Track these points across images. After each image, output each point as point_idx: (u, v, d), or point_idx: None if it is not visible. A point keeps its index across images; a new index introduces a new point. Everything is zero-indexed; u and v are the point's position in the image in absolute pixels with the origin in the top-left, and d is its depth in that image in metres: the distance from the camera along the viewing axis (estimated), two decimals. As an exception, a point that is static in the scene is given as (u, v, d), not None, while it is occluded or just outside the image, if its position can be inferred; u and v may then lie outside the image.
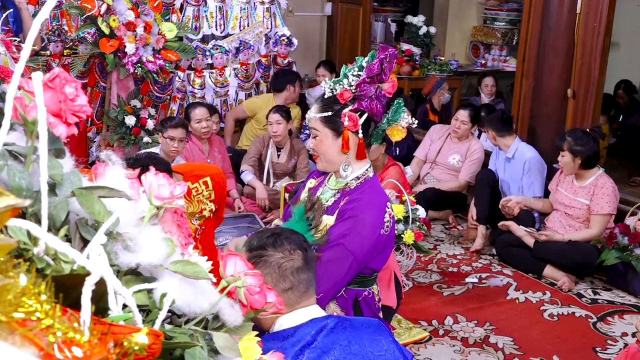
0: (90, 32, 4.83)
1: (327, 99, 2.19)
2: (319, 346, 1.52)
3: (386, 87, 2.13)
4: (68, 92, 0.69)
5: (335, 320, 1.59)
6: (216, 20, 5.64)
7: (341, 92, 2.12)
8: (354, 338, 1.56)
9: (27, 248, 0.62)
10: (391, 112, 2.20)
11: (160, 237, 0.74)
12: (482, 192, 4.73)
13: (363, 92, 2.10)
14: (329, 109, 2.17)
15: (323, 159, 2.25)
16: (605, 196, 4.06)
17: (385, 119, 2.19)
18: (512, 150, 4.72)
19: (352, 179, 2.24)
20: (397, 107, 2.20)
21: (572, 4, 4.61)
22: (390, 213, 2.21)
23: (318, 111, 2.20)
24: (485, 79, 6.66)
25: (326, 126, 2.18)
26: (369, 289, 2.35)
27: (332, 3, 7.18)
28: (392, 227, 2.22)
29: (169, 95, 5.49)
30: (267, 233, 1.70)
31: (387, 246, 2.27)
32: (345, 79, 2.12)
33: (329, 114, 2.17)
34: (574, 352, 3.33)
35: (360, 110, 2.13)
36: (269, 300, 0.85)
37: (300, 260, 1.64)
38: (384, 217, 2.17)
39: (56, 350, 0.52)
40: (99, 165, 0.79)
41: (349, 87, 2.11)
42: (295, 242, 1.67)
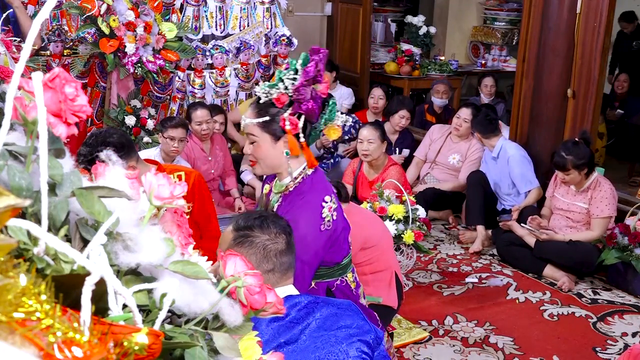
0: (90, 32, 4.83)
1: (263, 104, 2.16)
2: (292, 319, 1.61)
3: (321, 88, 2.13)
4: (68, 92, 0.69)
5: (309, 297, 1.68)
6: (216, 20, 5.64)
7: (278, 96, 2.10)
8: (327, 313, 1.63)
9: (27, 248, 0.62)
10: (327, 112, 2.19)
11: (160, 237, 0.74)
12: (474, 195, 4.75)
13: (301, 96, 2.09)
14: (265, 114, 2.15)
15: (262, 164, 2.24)
16: (604, 199, 4.06)
17: (322, 119, 2.19)
18: (497, 150, 4.75)
19: (289, 181, 2.24)
20: (332, 107, 2.20)
21: (572, 4, 4.61)
22: (331, 207, 2.19)
23: (254, 116, 2.18)
24: (485, 79, 6.65)
25: (264, 131, 2.17)
26: (340, 278, 2.36)
27: (332, 3, 7.17)
28: (335, 220, 2.20)
29: (169, 95, 5.48)
30: (255, 215, 1.78)
31: (338, 239, 2.26)
32: (280, 83, 2.10)
33: (266, 119, 2.15)
34: (574, 352, 3.33)
35: (298, 113, 2.13)
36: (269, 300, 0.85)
37: (284, 244, 1.73)
38: (321, 214, 2.16)
39: (56, 350, 0.52)
40: (99, 165, 0.79)
41: (285, 91, 2.10)
42: (280, 226, 1.76)
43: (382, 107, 6.08)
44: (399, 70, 7.12)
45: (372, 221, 3.23)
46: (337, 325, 1.61)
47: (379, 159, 4.57)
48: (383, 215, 3.83)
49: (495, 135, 4.79)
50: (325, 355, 1.55)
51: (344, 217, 2.31)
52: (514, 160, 4.67)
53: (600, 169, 4.59)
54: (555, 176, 4.30)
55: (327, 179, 2.39)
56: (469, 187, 4.82)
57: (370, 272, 3.07)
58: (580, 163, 4.00)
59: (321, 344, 1.57)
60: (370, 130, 4.51)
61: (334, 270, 2.33)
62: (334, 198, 2.24)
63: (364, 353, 1.58)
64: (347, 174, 4.83)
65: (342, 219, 2.26)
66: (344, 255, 2.33)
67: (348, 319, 1.63)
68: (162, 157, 4.27)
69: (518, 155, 4.69)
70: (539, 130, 4.99)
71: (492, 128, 4.78)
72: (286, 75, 2.11)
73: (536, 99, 4.98)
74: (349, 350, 1.56)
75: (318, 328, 1.60)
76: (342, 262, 2.33)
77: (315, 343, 1.57)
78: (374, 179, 4.61)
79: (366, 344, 1.60)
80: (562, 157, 4.03)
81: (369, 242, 3.05)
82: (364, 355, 1.57)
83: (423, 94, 7.76)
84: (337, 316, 1.63)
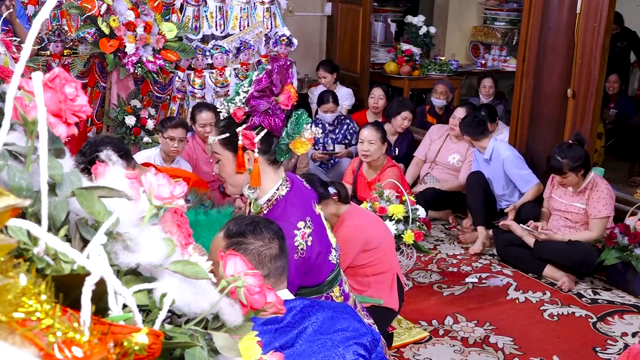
0: (90, 32, 4.83)
1: (224, 120, 2.07)
2: (287, 323, 1.60)
3: (281, 99, 2.01)
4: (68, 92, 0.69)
5: (303, 302, 1.67)
6: (216, 20, 5.64)
7: (235, 111, 2.02)
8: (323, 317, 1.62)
9: (27, 248, 0.62)
10: (290, 124, 2.05)
11: (160, 237, 0.74)
12: (474, 195, 4.75)
13: (254, 108, 1.99)
14: (227, 131, 2.07)
15: (228, 183, 2.15)
16: (601, 199, 4.06)
17: (284, 132, 2.06)
18: (488, 152, 4.74)
19: (264, 202, 2.13)
20: (296, 120, 2.06)
21: (572, 4, 4.61)
22: (304, 233, 2.07)
23: (216, 134, 2.10)
24: (484, 79, 6.65)
25: (226, 148, 2.08)
26: (326, 294, 2.28)
27: (332, 3, 7.17)
28: (310, 246, 2.08)
29: (169, 95, 5.48)
30: (246, 220, 1.74)
31: (313, 266, 2.14)
32: (237, 97, 2.02)
33: (227, 136, 2.07)
34: (574, 352, 3.33)
35: (258, 127, 2.02)
36: (269, 300, 0.85)
37: (277, 249, 1.71)
38: (294, 242, 2.04)
39: (56, 350, 0.52)
40: (99, 165, 0.79)
41: (241, 105, 2.01)
42: (272, 230, 1.73)
43: (382, 107, 6.08)
44: (399, 70, 7.11)
45: (374, 223, 3.21)
46: (334, 328, 1.60)
47: (378, 160, 4.57)
48: (383, 215, 3.83)
49: (485, 136, 4.77)
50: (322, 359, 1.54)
51: (322, 238, 2.19)
52: (509, 161, 4.65)
53: (600, 169, 4.59)
54: (553, 177, 4.30)
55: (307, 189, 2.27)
56: (468, 189, 4.82)
57: (372, 274, 3.07)
58: (577, 165, 4.00)
59: (318, 348, 1.56)
60: (371, 130, 4.50)
61: (320, 287, 2.26)
62: (309, 221, 2.12)
63: (361, 356, 1.57)
64: (347, 174, 4.84)
65: (318, 243, 2.14)
66: (325, 276, 2.24)
67: (344, 322, 1.63)
68: (162, 157, 4.27)
69: (512, 156, 4.67)
70: (539, 130, 4.99)
71: (481, 130, 4.76)
72: (242, 87, 2.02)
73: (536, 99, 4.98)
74: (345, 354, 1.55)
75: (314, 332, 1.59)
76: (327, 279, 2.26)
77: (312, 347, 1.56)
78: (373, 179, 4.61)
79: (363, 347, 1.59)
80: (557, 160, 4.03)
81: (371, 244, 3.04)
82: (361, 358, 1.57)
83: (423, 94, 7.76)
84: (333, 319, 1.62)
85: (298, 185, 2.21)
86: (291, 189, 2.15)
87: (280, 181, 2.14)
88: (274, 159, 2.11)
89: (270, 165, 2.11)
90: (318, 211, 2.25)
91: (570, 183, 4.10)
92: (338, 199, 3.08)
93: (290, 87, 2.04)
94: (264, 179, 2.10)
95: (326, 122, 5.74)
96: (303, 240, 2.07)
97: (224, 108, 2.06)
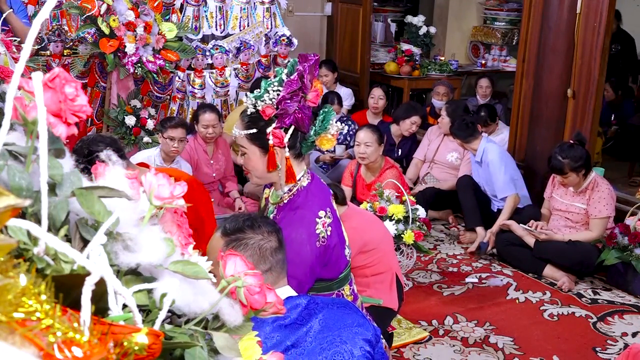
0: (90, 32, 4.83)
1: (251, 115, 2.10)
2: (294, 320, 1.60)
3: (310, 97, 2.05)
4: (68, 92, 0.69)
5: (307, 298, 1.68)
6: (216, 20, 5.64)
7: (263, 109, 2.05)
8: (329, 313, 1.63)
9: (27, 248, 0.62)
10: (318, 122, 2.10)
11: (160, 237, 0.74)
12: (465, 198, 4.75)
13: (284, 110, 2.03)
14: (253, 126, 2.10)
15: (254, 174, 2.20)
16: (602, 199, 4.06)
17: (312, 130, 2.11)
18: (479, 153, 4.73)
19: (285, 192, 2.19)
20: (324, 117, 2.11)
21: (572, 4, 4.61)
22: (325, 222, 2.12)
23: (243, 128, 2.13)
24: (480, 80, 6.65)
25: (253, 143, 2.12)
26: (337, 291, 2.31)
27: (332, 3, 7.18)
28: (330, 235, 2.14)
29: (169, 95, 5.48)
30: (242, 217, 1.76)
31: (332, 256, 2.19)
32: (266, 94, 2.05)
33: (254, 131, 2.10)
34: (574, 352, 3.33)
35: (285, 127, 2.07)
36: (269, 300, 0.85)
37: (276, 241, 1.72)
38: (315, 230, 2.10)
39: (56, 350, 0.52)
40: (99, 165, 0.79)
41: (270, 104, 2.04)
42: (269, 224, 1.74)
43: (383, 107, 6.08)
44: (399, 70, 7.11)
45: (372, 224, 3.20)
46: (340, 324, 1.61)
47: (376, 161, 4.55)
48: (383, 215, 3.83)
49: (475, 138, 4.74)
50: (332, 356, 1.55)
51: (338, 232, 2.24)
52: (492, 165, 4.63)
53: (600, 169, 4.59)
54: (554, 177, 4.30)
55: (324, 184, 2.33)
56: (459, 192, 4.82)
57: (371, 275, 3.07)
58: (577, 165, 4.00)
59: (327, 344, 1.57)
60: (367, 133, 4.48)
61: (332, 284, 2.29)
62: (329, 212, 2.17)
63: (367, 352, 1.58)
64: (346, 176, 4.82)
65: (336, 234, 2.19)
66: (340, 270, 2.28)
67: (349, 318, 1.64)
68: (162, 157, 4.27)
69: (496, 160, 4.62)
70: (539, 130, 4.99)
71: (470, 132, 4.73)
72: (271, 86, 2.05)
73: (536, 99, 4.98)
74: (353, 350, 1.56)
75: (322, 329, 1.60)
76: (340, 276, 2.29)
77: (321, 344, 1.57)
78: (371, 181, 4.60)
79: (368, 342, 1.60)
80: (558, 160, 4.03)
81: (369, 245, 3.04)
82: (367, 354, 1.58)
83: (423, 94, 7.76)
84: (338, 316, 1.63)
85: (317, 179, 2.28)
86: (312, 181, 2.22)
87: (303, 172, 2.21)
88: (298, 153, 2.17)
89: (295, 158, 2.17)
90: (335, 206, 2.30)
91: (571, 183, 4.10)
92: (335, 200, 3.08)
93: (318, 83, 2.08)
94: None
95: None
96: (324, 229, 2.13)
97: (251, 102, 2.09)
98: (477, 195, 4.77)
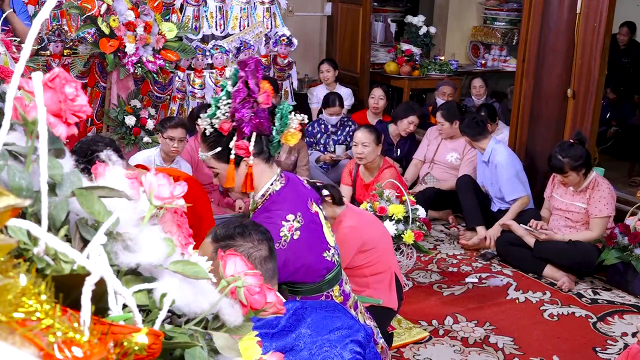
0: (90, 32, 4.83)
1: (211, 135, 2.11)
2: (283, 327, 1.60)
3: (261, 99, 2.03)
4: (68, 92, 0.69)
5: (295, 303, 1.68)
6: (216, 20, 5.64)
7: (220, 125, 2.05)
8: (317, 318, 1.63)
9: (27, 248, 0.62)
10: (277, 121, 2.09)
11: (160, 237, 0.74)
12: (465, 198, 4.75)
13: (239, 120, 2.02)
14: (217, 145, 2.11)
15: (234, 191, 2.21)
16: (602, 199, 4.06)
17: (274, 130, 2.10)
18: (487, 154, 4.73)
19: (259, 197, 2.20)
20: (281, 114, 2.10)
21: (572, 4, 4.61)
22: (292, 226, 2.11)
23: (207, 150, 2.14)
24: (474, 80, 6.66)
25: (222, 162, 2.13)
26: (326, 293, 2.30)
27: (332, 3, 7.18)
28: (296, 240, 2.12)
29: (169, 95, 5.48)
30: (234, 224, 1.75)
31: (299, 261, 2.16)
32: (218, 111, 2.05)
33: (219, 150, 2.11)
34: (574, 352, 3.33)
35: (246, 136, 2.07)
36: (269, 300, 0.85)
37: (267, 250, 1.71)
38: (279, 232, 2.08)
39: (56, 350, 0.52)
40: (99, 165, 0.79)
41: (225, 118, 2.04)
42: (261, 232, 1.73)
43: (383, 107, 6.08)
44: (399, 70, 7.11)
45: (370, 223, 3.19)
46: (329, 328, 1.61)
47: (374, 162, 4.55)
48: (383, 215, 3.82)
49: (485, 137, 4.74)
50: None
51: (316, 236, 2.22)
52: (501, 167, 4.62)
53: (600, 169, 4.58)
54: (554, 177, 4.30)
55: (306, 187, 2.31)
56: (459, 192, 4.82)
57: (370, 274, 3.07)
58: (578, 164, 4.00)
59: (316, 349, 1.57)
60: (364, 133, 4.47)
61: (320, 285, 2.28)
62: (301, 216, 2.16)
63: (358, 353, 1.58)
64: (345, 176, 4.82)
65: (307, 239, 2.16)
66: (323, 274, 2.26)
67: (338, 321, 1.63)
68: (162, 157, 4.27)
69: (506, 162, 4.62)
70: (539, 130, 4.99)
71: (480, 130, 4.73)
72: (220, 101, 2.05)
73: (536, 99, 4.98)
74: (343, 353, 1.56)
75: (311, 334, 1.59)
76: (328, 277, 2.28)
77: (311, 349, 1.57)
78: (370, 182, 4.60)
79: (358, 344, 1.60)
80: (558, 160, 4.03)
81: (367, 245, 3.04)
82: (357, 355, 1.57)
83: (423, 94, 7.76)
84: (326, 319, 1.63)
85: (294, 183, 2.26)
86: (285, 185, 2.21)
87: (275, 177, 2.20)
88: (268, 156, 2.17)
89: (266, 162, 2.18)
90: (314, 209, 2.27)
91: (572, 182, 4.10)
92: (332, 201, 3.08)
93: (265, 84, 2.06)
94: (261, 177, 2.17)
95: (329, 124, 5.74)
96: (289, 233, 2.12)
97: (207, 123, 2.09)
98: (477, 195, 4.77)
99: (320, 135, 5.77)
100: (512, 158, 4.69)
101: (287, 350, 1.58)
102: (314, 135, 5.77)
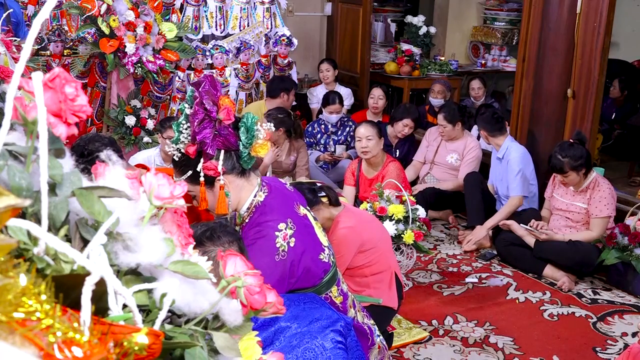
0: (90, 32, 4.84)
1: (180, 160, 2.11)
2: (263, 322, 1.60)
3: (222, 116, 2.01)
4: (68, 92, 0.69)
5: None
6: (216, 20, 5.64)
7: (186, 149, 2.05)
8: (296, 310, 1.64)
9: (27, 248, 0.62)
10: (242, 134, 2.06)
11: (160, 237, 0.74)
12: (471, 195, 4.75)
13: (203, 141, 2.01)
14: (188, 169, 2.11)
15: (214, 211, 2.18)
16: (603, 199, 4.06)
17: (241, 145, 2.07)
18: (502, 150, 4.73)
19: (244, 212, 2.18)
20: (245, 128, 2.06)
21: (572, 4, 4.61)
22: (286, 234, 2.09)
23: (180, 175, 2.14)
24: (472, 81, 6.66)
25: (196, 184, 2.12)
26: (325, 294, 2.29)
27: (332, 3, 7.18)
28: (293, 247, 2.10)
29: (169, 95, 5.49)
30: (201, 228, 1.73)
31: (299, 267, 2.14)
32: (181, 135, 2.05)
33: (191, 173, 2.11)
34: (574, 352, 3.33)
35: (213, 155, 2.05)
36: (269, 300, 0.85)
37: (237, 251, 1.69)
38: (275, 243, 2.07)
39: (56, 350, 0.52)
40: (99, 165, 0.79)
41: (189, 142, 2.04)
42: (229, 233, 1.72)
43: (382, 107, 6.08)
44: (399, 70, 7.11)
45: (369, 223, 3.19)
46: (309, 320, 1.61)
47: (378, 156, 4.57)
48: (383, 215, 3.82)
49: (502, 134, 4.75)
50: (302, 353, 1.54)
51: (309, 239, 2.21)
52: (513, 162, 4.64)
53: (600, 169, 4.59)
54: (554, 177, 4.30)
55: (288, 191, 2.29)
56: (466, 188, 4.82)
57: (370, 274, 3.07)
58: (578, 164, 4.00)
59: (297, 341, 1.57)
60: (367, 127, 4.51)
61: (319, 287, 2.27)
62: (291, 222, 2.14)
63: (339, 342, 1.58)
64: (348, 177, 4.82)
65: (302, 244, 2.15)
66: (320, 276, 2.25)
67: (316, 312, 1.63)
68: (162, 157, 4.27)
69: (517, 159, 4.63)
70: (539, 130, 4.99)
71: (498, 127, 4.74)
72: (181, 126, 2.04)
73: (536, 99, 4.98)
74: (324, 343, 1.56)
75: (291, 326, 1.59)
76: (325, 278, 2.27)
77: (291, 342, 1.57)
78: (374, 177, 4.61)
79: (338, 333, 1.60)
80: (558, 159, 4.03)
81: (366, 244, 3.04)
82: (339, 344, 1.58)
83: (423, 94, 7.76)
84: (305, 311, 1.63)
85: (277, 189, 2.24)
86: (269, 194, 2.18)
87: (257, 188, 2.18)
88: (241, 170, 2.14)
89: (241, 177, 2.15)
90: (303, 212, 2.26)
91: (572, 182, 4.10)
92: (329, 202, 3.07)
93: (225, 99, 2.04)
94: (240, 193, 2.15)
95: (330, 123, 5.74)
96: (285, 242, 2.09)
97: (174, 149, 2.09)
98: (483, 194, 4.76)
99: (320, 135, 5.77)
100: (525, 157, 4.70)
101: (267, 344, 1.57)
102: (314, 135, 5.77)
